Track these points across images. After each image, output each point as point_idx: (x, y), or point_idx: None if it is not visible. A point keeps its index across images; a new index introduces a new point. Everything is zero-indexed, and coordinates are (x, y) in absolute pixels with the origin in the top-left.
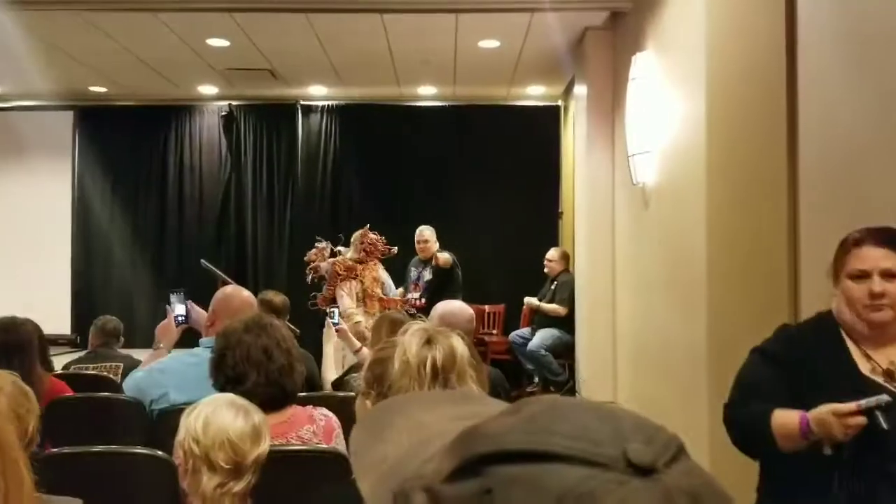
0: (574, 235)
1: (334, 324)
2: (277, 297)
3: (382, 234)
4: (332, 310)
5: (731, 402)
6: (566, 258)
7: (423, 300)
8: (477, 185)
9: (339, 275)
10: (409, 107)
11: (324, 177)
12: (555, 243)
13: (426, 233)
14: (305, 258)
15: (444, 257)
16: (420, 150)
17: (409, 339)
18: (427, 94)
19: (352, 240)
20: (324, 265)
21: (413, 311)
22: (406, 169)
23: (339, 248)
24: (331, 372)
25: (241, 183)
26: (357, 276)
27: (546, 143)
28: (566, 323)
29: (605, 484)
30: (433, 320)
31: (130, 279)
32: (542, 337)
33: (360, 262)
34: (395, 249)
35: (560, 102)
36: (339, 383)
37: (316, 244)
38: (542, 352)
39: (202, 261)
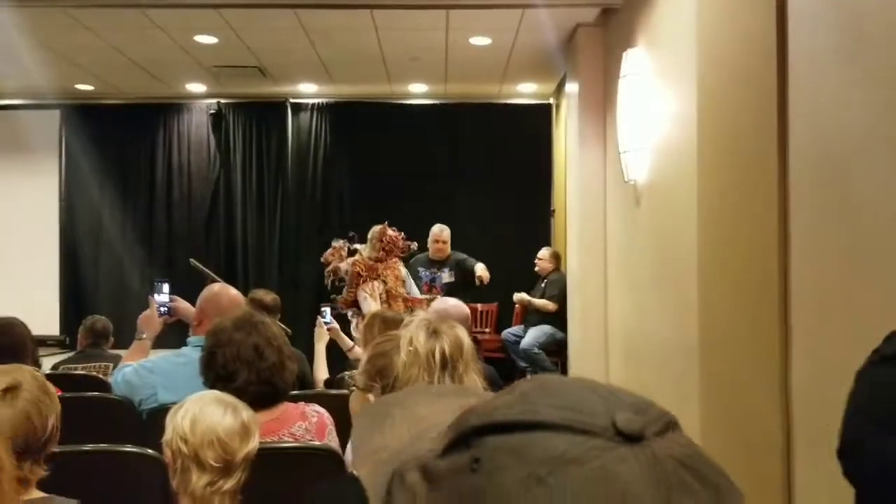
0: (566, 233)
1: (326, 323)
2: (268, 296)
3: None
4: (323, 309)
5: (867, 433)
6: (557, 258)
7: None
8: (469, 184)
9: (361, 276)
10: (400, 105)
11: (314, 175)
12: (547, 241)
13: (446, 233)
14: (322, 259)
15: (484, 270)
16: (411, 148)
17: (416, 330)
18: (418, 91)
19: (369, 237)
20: (343, 266)
21: None
22: (397, 167)
23: (356, 245)
24: (322, 371)
25: (230, 181)
26: (379, 275)
27: (538, 140)
28: (558, 320)
29: (591, 450)
30: None
31: (119, 278)
32: (535, 335)
33: (380, 260)
34: (415, 245)
35: (552, 100)
36: (331, 382)
37: (332, 244)
38: (535, 349)
39: (191, 260)
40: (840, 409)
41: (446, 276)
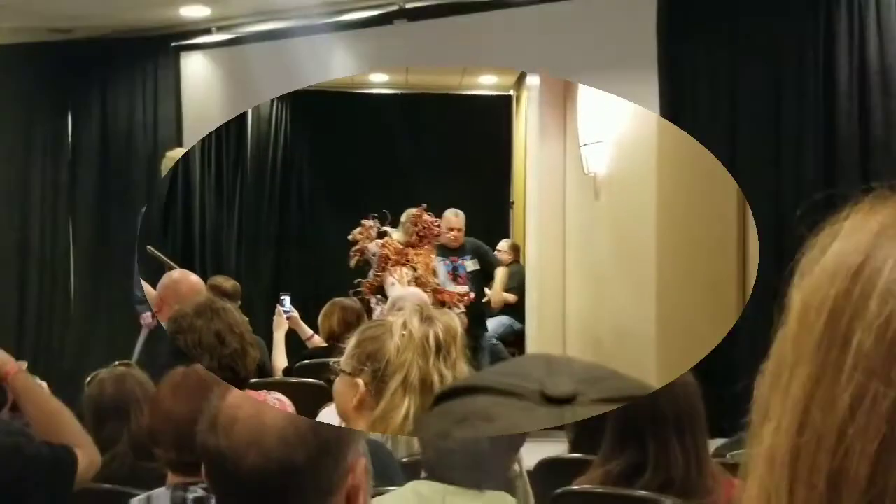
0: (525, 225)
1: (285, 311)
2: (228, 282)
3: (334, 222)
4: (283, 297)
5: None
6: (516, 250)
7: (473, 294)
8: (429, 175)
9: (389, 259)
10: (360, 94)
11: (273, 161)
12: (506, 233)
13: (461, 218)
14: (350, 237)
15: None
16: (371, 138)
17: (409, 316)
18: (379, 81)
19: (402, 220)
20: (371, 247)
21: (463, 307)
22: (357, 156)
23: (387, 227)
24: (281, 359)
25: (188, 168)
26: (409, 261)
27: (498, 132)
28: (517, 312)
29: (507, 408)
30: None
31: None
32: (493, 326)
33: (412, 245)
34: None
35: (512, 92)
36: (289, 371)
37: (362, 222)
38: (494, 340)
39: (148, 247)
40: None
41: (470, 265)
